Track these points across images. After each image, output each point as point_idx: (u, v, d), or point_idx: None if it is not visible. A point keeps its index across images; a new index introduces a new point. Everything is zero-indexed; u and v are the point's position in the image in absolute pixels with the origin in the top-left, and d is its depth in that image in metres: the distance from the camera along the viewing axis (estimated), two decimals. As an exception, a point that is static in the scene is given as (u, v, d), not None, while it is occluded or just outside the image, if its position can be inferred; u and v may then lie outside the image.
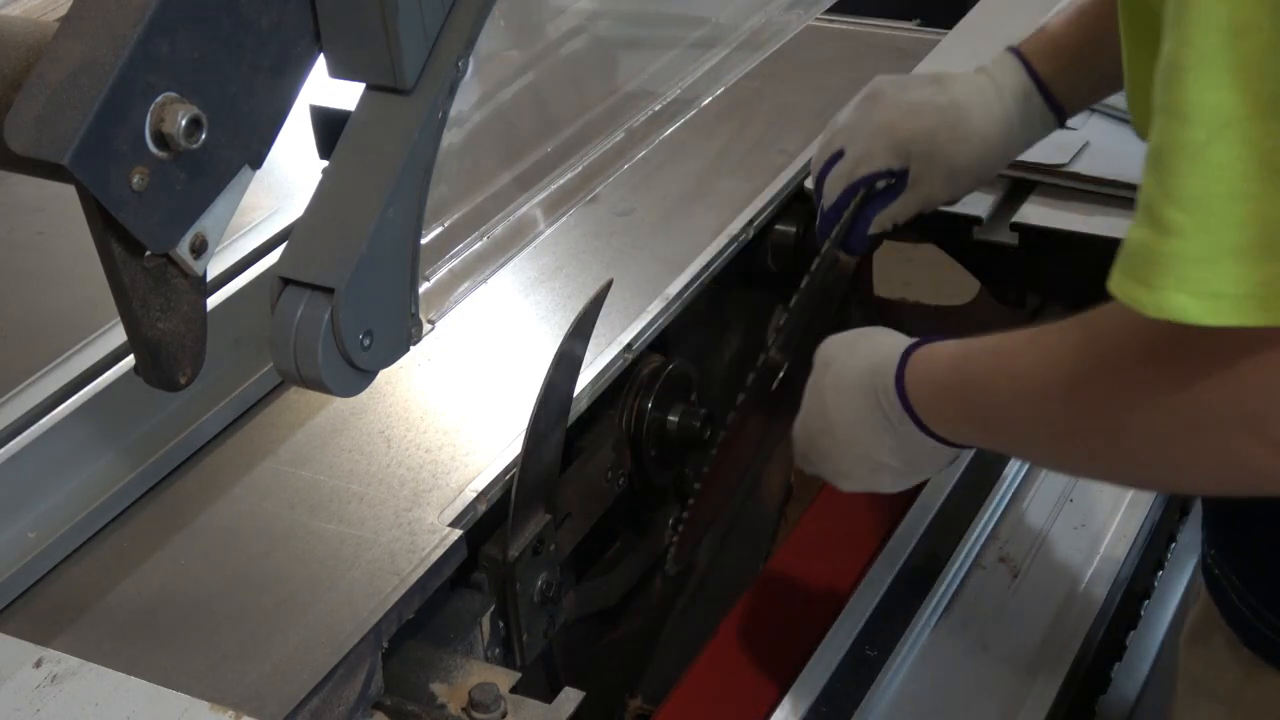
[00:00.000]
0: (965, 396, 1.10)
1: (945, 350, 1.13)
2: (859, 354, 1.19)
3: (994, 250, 1.62)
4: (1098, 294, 0.89)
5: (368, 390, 0.95)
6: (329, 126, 0.98)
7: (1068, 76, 1.36)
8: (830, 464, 1.22)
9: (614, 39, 1.22)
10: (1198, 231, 0.78)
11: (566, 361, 1.34)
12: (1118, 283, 0.83)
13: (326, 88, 0.96)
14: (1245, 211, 0.77)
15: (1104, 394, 0.94)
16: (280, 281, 0.92)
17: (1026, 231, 1.56)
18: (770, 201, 1.73)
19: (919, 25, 2.12)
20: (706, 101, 1.27)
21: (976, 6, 2.08)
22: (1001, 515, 1.38)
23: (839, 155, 1.42)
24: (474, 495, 1.32)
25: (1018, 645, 1.25)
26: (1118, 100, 1.56)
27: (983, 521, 1.36)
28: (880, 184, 1.39)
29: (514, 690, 1.22)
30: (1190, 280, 0.79)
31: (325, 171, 0.94)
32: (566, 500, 1.41)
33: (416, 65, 0.92)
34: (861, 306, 1.99)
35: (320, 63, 0.94)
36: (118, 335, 1.40)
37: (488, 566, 1.34)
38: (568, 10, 1.15)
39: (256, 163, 0.91)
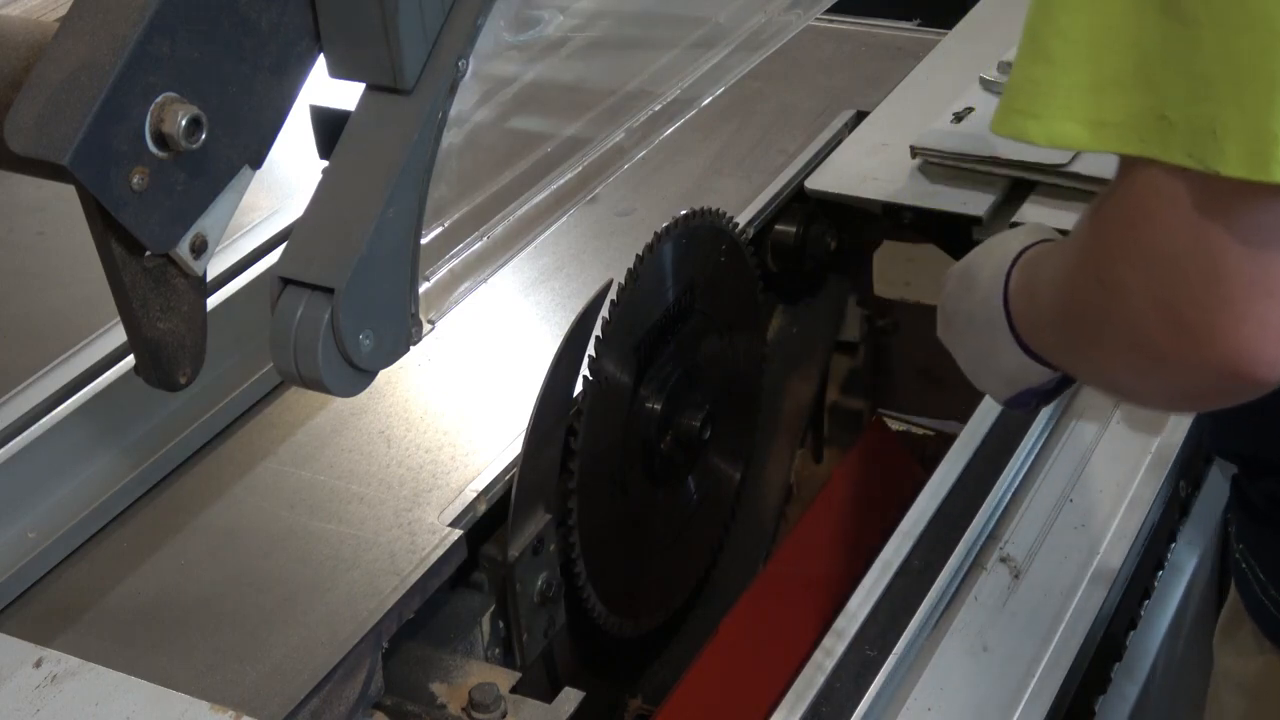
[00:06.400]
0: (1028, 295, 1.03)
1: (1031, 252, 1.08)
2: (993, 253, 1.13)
3: (994, 250, 1.62)
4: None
5: (368, 390, 0.95)
6: (329, 126, 0.97)
7: None
8: (959, 355, 1.16)
9: (614, 39, 1.22)
10: (1083, 61, 0.78)
11: (566, 362, 1.34)
12: (1001, 121, 0.81)
13: (326, 88, 0.96)
14: (1123, 41, 0.77)
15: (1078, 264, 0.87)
16: (280, 281, 0.92)
17: (1026, 231, 1.56)
18: (770, 201, 1.73)
19: (919, 25, 2.12)
20: (706, 101, 1.26)
21: (976, 6, 2.08)
22: (1001, 515, 1.38)
23: None
24: (474, 495, 1.32)
25: (1018, 645, 1.25)
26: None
27: (983, 521, 1.36)
28: None
29: (514, 690, 1.23)
30: (1078, 108, 0.78)
31: (325, 171, 0.94)
32: None
33: (416, 65, 0.92)
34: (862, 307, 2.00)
35: (320, 63, 0.94)
36: (118, 335, 1.40)
37: (488, 566, 1.34)
38: (568, 10, 1.14)
39: (256, 163, 0.91)
